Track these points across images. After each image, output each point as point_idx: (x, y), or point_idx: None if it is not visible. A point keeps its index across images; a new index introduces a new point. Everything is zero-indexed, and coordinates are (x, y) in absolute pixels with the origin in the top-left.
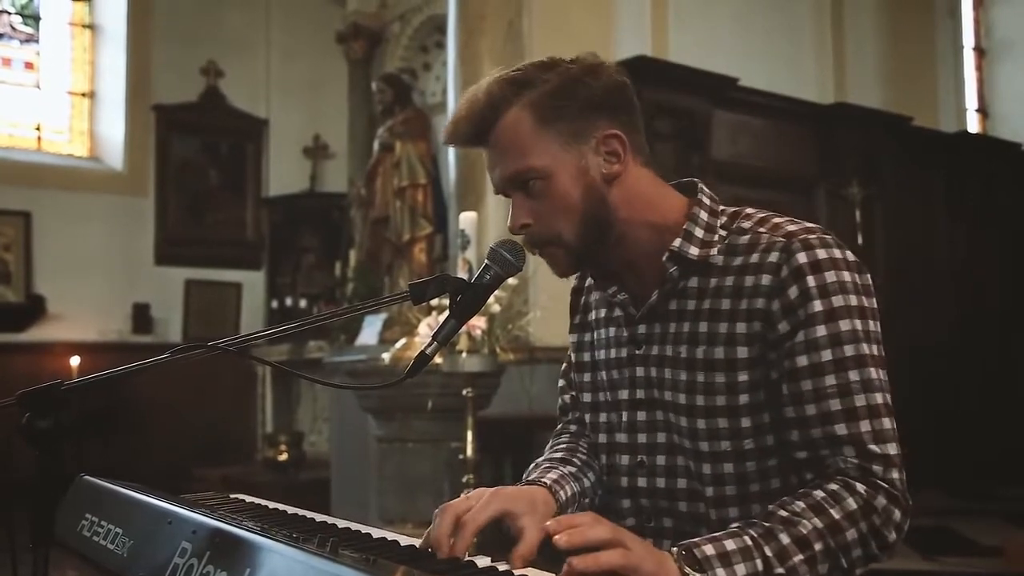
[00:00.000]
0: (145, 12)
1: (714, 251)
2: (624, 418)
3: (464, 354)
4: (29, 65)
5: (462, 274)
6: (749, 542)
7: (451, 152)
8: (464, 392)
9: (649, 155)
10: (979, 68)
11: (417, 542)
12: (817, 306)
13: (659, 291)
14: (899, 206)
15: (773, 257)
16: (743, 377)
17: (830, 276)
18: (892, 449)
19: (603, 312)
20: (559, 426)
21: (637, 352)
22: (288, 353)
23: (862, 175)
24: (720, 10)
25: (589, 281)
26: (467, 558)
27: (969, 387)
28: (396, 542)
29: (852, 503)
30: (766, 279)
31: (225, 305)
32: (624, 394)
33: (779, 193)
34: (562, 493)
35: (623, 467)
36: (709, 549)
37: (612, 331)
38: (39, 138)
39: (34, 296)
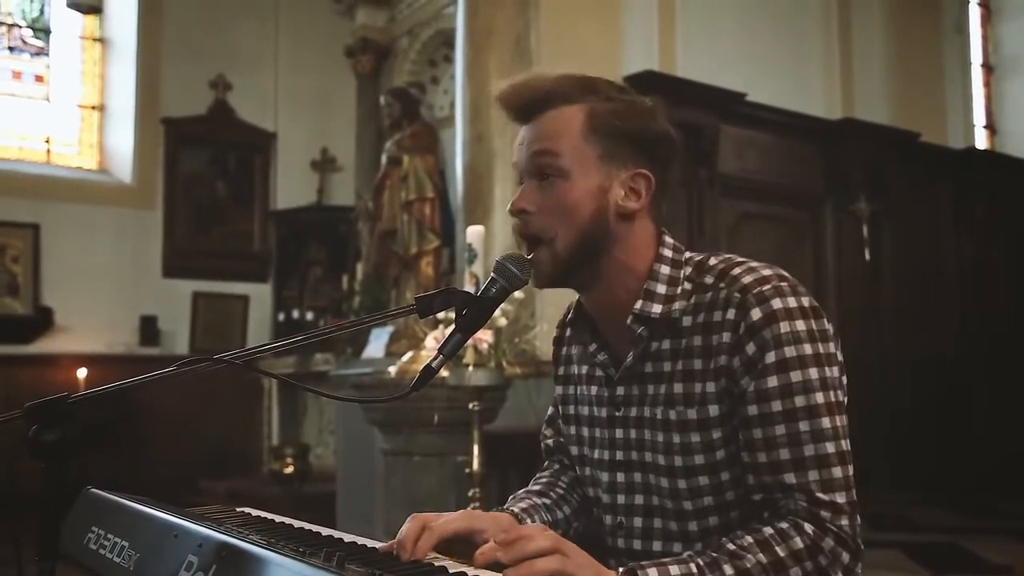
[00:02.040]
0: (155, 26)
1: (677, 305)
2: (605, 478)
3: (470, 368)
4: (39, 78)
5: (469, 288)
6: (694, 569)
7: (459, 166)
8: (470, 406)
9: (664, 218)
10: (987, 84)
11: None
12: (771, 357)
13: (633, 353)
14: (907, 222)
15: (731, 314)
16: (717, 434)
17: (784, 327)
18: (841, 497)
19: (584, 369)
20: (544, 464)
21: (617, 414)
22: (294, 366)
23: (869, 191)
24: (727, 25)
25: (568, 332)
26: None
27: (975, 400)
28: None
29: (799, 542)
30: (726, 336)
31: (232, 318)
32: (605, 454)
33: (786, 208)
34: (528, 521)
35: (606, 527)
36: (653, 572)
37: (594, 389)
38: (48, 151)
39: (42, 308)
